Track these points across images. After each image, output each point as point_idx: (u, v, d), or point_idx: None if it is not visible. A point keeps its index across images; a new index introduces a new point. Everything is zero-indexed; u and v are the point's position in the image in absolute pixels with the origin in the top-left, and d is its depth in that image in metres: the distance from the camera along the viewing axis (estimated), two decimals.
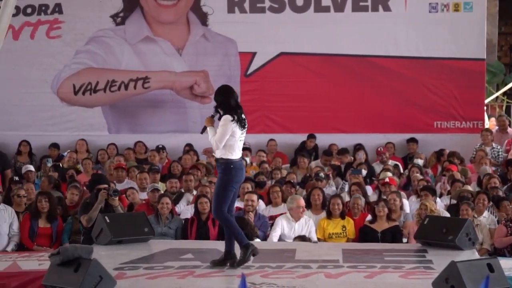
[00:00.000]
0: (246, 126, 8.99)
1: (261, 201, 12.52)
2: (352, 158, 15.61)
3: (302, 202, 11.71)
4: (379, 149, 15.90)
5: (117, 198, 10.89)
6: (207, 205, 11.41)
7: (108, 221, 10.17)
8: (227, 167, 8.87)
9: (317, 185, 12.89)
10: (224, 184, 8.91)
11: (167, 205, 11.45)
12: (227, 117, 8.81)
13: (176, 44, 17.31)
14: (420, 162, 15.27)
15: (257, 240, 11.02)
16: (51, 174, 14.01)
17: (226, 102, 8.91)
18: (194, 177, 13.42)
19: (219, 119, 8.93)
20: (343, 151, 15.81)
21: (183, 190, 13.12)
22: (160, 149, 16.14)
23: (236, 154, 8.90)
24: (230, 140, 8.84)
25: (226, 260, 9.00)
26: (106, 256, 9.30)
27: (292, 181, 13.43)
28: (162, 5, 17.27)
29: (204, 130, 9.14)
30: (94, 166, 15.25)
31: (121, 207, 11.14)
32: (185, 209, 12.33)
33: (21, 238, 11.46)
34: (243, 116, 8.95)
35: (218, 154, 8.92)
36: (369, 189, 13.53)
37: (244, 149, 16.07)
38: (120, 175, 14.00)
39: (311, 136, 16.67)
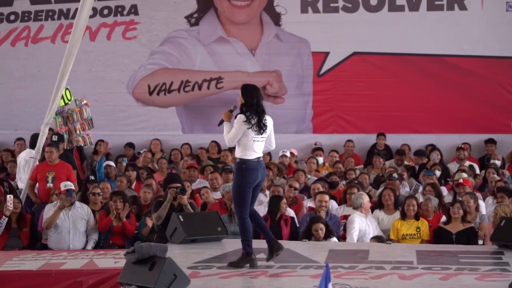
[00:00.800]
0: (263, 132, 8.82)
1: (333, 201, 12.47)
2: (426, 159, 15.45)
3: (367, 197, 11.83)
4: (460, 146, 15.71)
5: (185, 196, 10.93)
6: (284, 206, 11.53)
7: (182, 220, 10.26)
8: (239, 167, 8.86)
9: (388, 186, 12.82)
10: (238, 184, 8.92)
11: None
12: (240, 117, 8.79)
13: (249, 44, 17.39)
14: (497, 162, 15.02)
15: (334, 239, 10.96)
16: (128, 173, 14.20)
17: (253, 103, 8.84)
18: (267, 177, 13.41)
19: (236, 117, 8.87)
20: (420, 153, 15.67)
21: None
22: (233, 148, 16.18)
23: (250, 154, 8.82)
24: (243, 139, 8.80)
25: (277, 249, 8.92)
26: (180, 254, 9.38)
27: (362, 181, 13.39)
28: (236, 5, 17.37)
29: (221, 123, 9.08)
30: (169, 165, 15.41)
31: (193, 206, 11.18)
32: (257, 209, 12.32)
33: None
34: (263, 121, 8.82)
35: (236, 152, 8.94)
36: (444, 190, 13.35)
37: (316, 149, 16.30)
38: (192, 175, 14.10)
39: (381, 135, 16.56)
